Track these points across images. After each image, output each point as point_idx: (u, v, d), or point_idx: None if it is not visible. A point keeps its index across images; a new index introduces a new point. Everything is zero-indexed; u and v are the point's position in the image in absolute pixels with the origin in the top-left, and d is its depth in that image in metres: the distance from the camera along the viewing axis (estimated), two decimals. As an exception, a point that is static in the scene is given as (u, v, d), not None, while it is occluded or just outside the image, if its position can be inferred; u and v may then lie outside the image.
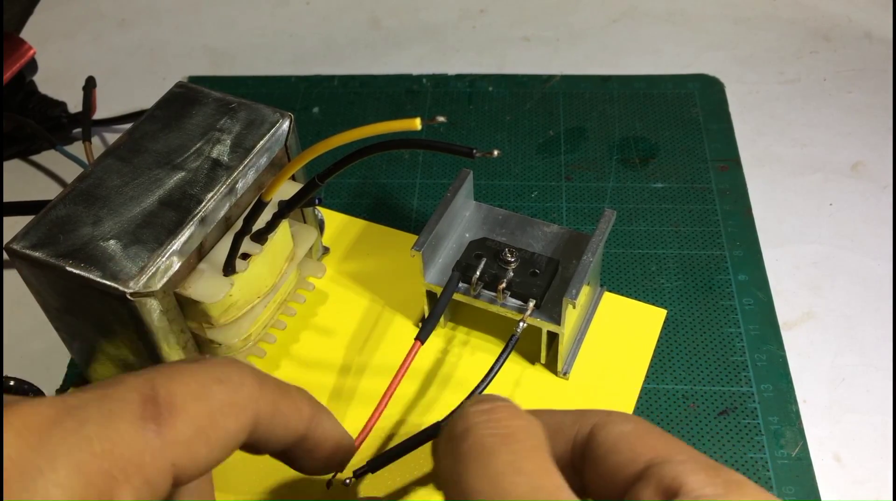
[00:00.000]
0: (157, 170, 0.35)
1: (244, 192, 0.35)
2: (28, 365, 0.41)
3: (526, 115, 0.53)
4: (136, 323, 0.32)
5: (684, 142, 0.50)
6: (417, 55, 0.58)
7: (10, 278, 0.45)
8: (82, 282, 0.31)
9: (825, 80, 0.55)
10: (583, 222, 0.46)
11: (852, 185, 0.48)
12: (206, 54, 0.59)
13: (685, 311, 0.42)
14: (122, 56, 0.60)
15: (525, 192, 0.48)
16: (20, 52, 0.50)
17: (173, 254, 0.32)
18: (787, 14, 0.60)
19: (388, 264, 0.44)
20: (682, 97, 0.53)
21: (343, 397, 0.38)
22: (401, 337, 0.41)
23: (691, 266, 0.44)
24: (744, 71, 0.55)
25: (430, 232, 0.38)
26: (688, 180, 0.48)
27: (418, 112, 0.53)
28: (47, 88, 0.53)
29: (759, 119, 0.52)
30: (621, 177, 0.49)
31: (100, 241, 0.32)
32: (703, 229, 0.45)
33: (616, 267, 0.44)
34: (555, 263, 0.38)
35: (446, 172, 0.49)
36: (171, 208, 0.33)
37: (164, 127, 0.37)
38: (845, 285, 0.43)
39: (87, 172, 0.35)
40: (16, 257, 0.32)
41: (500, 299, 0.37)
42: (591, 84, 0.55)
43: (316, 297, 0.42)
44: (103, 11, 0.64)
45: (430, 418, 0.38)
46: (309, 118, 0.53)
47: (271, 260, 0.36)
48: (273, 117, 0.37)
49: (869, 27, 0.58)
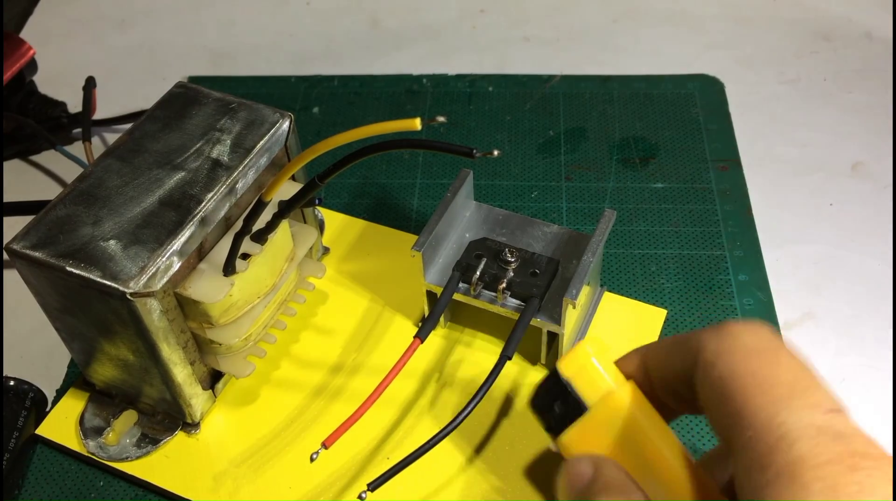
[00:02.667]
0: (158, 170, 0.35)
1: (244, 192, 0.35)
2: (28, 365, 0.41)
3: (526, 115, 0.53)
4: (136, 323, 0.32)
5: (684, 142, 0.50)
6: (417, 55, 0.58)
7: (10, 278, 0.45)
8: (82, 282, 0.31)
9: (825, 80, 0.55)
10: (583, 222, 0.46)
11: (852, 185, 0.48)
12: (206, 54, 0.59)
13: (685, 311, 0.42)
14: (122, 56, 0.60)
15: (525, 192, 0.48)
16: (20, 52, 0.50)
17: (173, 254, 0.32)
18: (787, 14, 0.60)
19: (388, 264, 0.44)
20: (682, 97, 0.53)
21: (343, 396, 0.38)
22: (401, 337, 0.41)
23: (691, 266, 0.44)
24: (744, 71, 0.55)
25: (430, 232, 0.38)
26: (688, 180, 0.48)
27: (418, 112, 0.53)
28: (47, 88, 0.53)
29: (759, 119, 0.52)
30: (621, 177, 0.49)
31: (100, 241, 0.32)
32: (703, 229, 0.45)
33: (616, 267, 0.44)
34: (555, 263, 0.38)
35: (446, 172, 0.49)
36: (172, 208, 0.33)
37: (164, 127, 0.37)
38: (845, 285, 0.43)
39: (87, 173, 0.35)
40: (16, 257, 0.32)
41: (500, 300, 0.37)
42: (591, 84, 0.55)
43: (316, 297, 0.42)
44: (103, 11, 0.64)
45: (429, 418, 0.37)
46: (309, 118, 0.53)
47: (271, 260, 0.36)
48: (273, 117, 0.37)
49: (869, 27, 0.58)
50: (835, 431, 0.21)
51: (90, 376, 0.38)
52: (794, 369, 0.23)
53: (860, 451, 0.21)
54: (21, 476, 0.37)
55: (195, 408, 0.37)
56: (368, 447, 0.37)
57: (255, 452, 0.37)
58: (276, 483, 0.36)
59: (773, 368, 0.23)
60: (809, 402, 0.22)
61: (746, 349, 0.23)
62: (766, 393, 0.22)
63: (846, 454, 0.20)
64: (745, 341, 0.23)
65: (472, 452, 0.36)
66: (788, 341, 0.24)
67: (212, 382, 0.38)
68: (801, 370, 0.23)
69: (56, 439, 0.38)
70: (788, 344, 0.24)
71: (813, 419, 0.21)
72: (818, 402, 0.22)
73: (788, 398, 0.22)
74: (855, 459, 0.20)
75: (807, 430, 0.21)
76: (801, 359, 0.23)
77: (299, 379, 0.39)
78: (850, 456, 0.20)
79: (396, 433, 0.37)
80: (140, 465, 0.37)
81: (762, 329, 0.24)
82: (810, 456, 0.20)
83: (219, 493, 0.36)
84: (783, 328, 0.41)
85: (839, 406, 0.22)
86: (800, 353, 0.23)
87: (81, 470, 0.37)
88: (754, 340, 0.23)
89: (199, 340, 0.36)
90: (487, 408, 0.38)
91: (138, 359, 0.34)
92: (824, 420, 0.21)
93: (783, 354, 0.23)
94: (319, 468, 0.36)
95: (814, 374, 0.23)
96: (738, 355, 0.23)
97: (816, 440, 0.21)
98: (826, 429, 0.21)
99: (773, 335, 0.24)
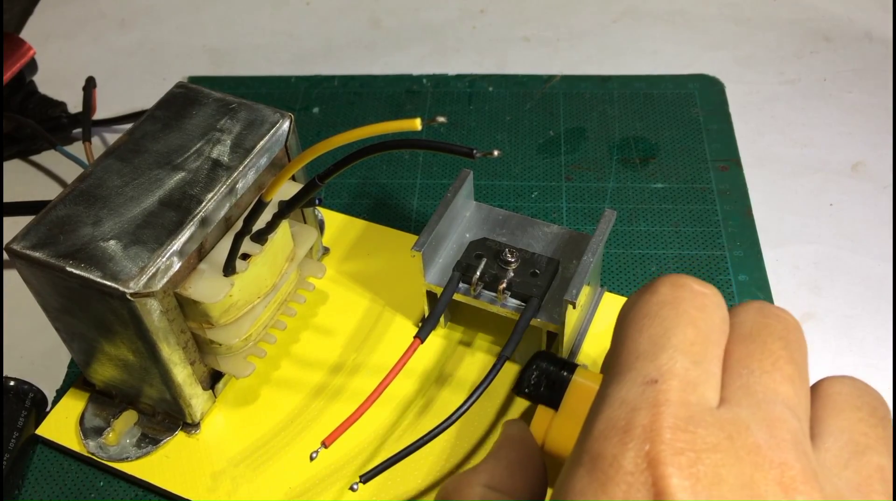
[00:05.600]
0: (158, 170, 0.35)
1: (244, 192, 0.35)
2: (28, 365, 0.41)
3: (526, 115, 0.53)
4: (136, 323, 0.32)
5: (684, 142, 0.50)
6: (417, 55, 0.58)
7: (10, 278, 0.45)
8: (82, 282, 0.31)
9: (825, 80, 0.55)
10: (583, 223, 0.46)
11: (852, 185, 0.48)
12: (206, 54, 0.59)
13: (685, 311, 0.42)
14: (122, 56, 0.60)
15: (525, 192, 0.48)
16: (20, 52, 0.50)
17: (173, 254, 0.32)
18: (787, 14, 0.60)
19: (388, 265, 0.44)
20: (682, 97, 0.53)
21: (343, 396, 0.38)
22: (401, 337, 0.41)
23: (691, 266, 0.44)
24: (744, 71, 0.55)
25: (430, 232, 0.38)
26: (688, 180, 0.48)
27: (418, 112, 0.53)
28: (47, 88, 0.53)
29: (759, 119, 0.52)
30: (621, 177, 0.49)
31: (100, 241, 0.32)
32: (703, 229, 0.45)
33: (616, 267, 0.44)
34: (555, 263, 0.38)
35: (446, 172, 0.49)
36: (172, 209, 0.33)
37: (164, 127, 0.37)
38: (845, 285, 0.43)
39: (87, 173, 0.35)
40: (16, 257, 0.32)
41: (500, 300, 0.37)
42: (591, 84, 0.55)
43: (316, 297, 0.42)
44: (103, 11, 0.64)
45: (429, 418, 0.38)
46: (309, 118, 0.53)
47: (271, 260, 0.36)
48: (273, 118, 0.37)
49: (869, 27, 0.58)
50: (632, 404, 0.20)
51: (90, 376, 0.38)
52: (654, 335, 0.21)
53: (641, 424, 0.19)
54: (21, 477, 0.37)
55: (195, 408, 0.37)
56: (368, 446, 0.37)
57: (255, 451, 0.37)
58: (275, 483, 0.36)
59: (637, 333, 0.22)
60: (634, 375, 0.21)
61: (640, 306, 0.22)
62: (616, 360, 0.22)
63: (626, 428, 0.19)
64: (646, 298, 0.23)
65: (470, 450, 0.36)
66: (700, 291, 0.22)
67: (212, 382, 0.38)
68: (660, 336, 0.21)
69: (56, 439, 0.38)
70: (691, 294, 0.22)
71: (625, 393, 0.20)
72: (641, 374, 0.21)
73: (626, 369, 0.21)
74: (630, 433, 0.19)
75: (614, 401, 0.20)
76: (682, 317, 0.22)
77: (299, 379, 0.39)
78: (626, 431, 0.19)
79: (396, 433, 0.37)
80: (140, 465, 0.37)
81: (675, 283, 0.23)
82: (599, 430, 0.20)
83: (217, 492, 0.36)
84: (783, 328, 0.41)
85: (656, 376, 0.20)
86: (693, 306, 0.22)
87: (81, 470, 0.37)
88: (656, 297, 0.22)
89: (199, 340, 0.36)
90: (487, 408, 0.38)
91: (138, 359, 0.34)
92: (636, 393, 0.20)
93: (663, 314, 0.22)
94: (319, 467, 0.36)
95: (671, 339, 0.21)
96: (628, 316, 0.23)
97: (615, 412, 0.20)
98: (629, 402, 0.20)
99: (677, 289, 0.22)
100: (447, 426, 0.34)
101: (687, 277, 0.23)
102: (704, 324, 0.22)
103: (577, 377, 0.27)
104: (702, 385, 0.20)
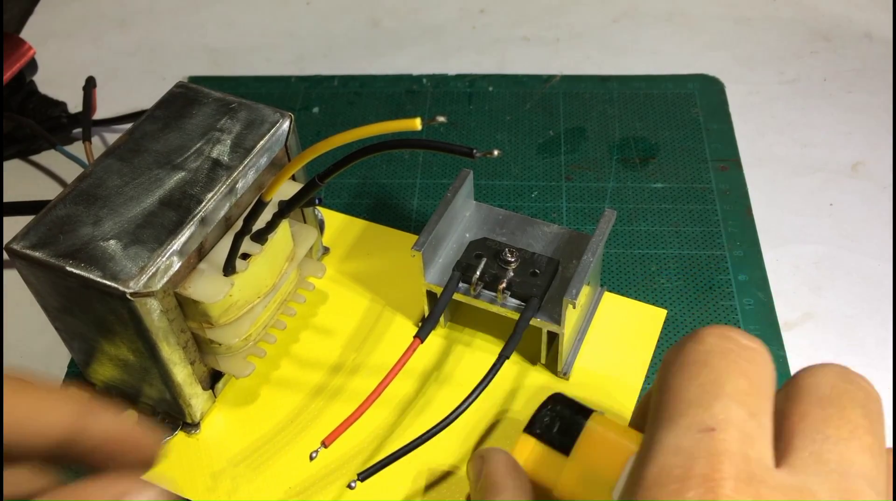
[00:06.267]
0: (158, 170, 0.35)
1: (244, 192, 0.35)
2: (28, 365, 0.41)
3: (526, 115, 0.53)
4: (136, 323, 0.32)
5: (684, 142, 0.50)
6: (417, 55, 0.58)
7: (10, 278, 0.45)
8: (82, 282, 0.31)
9: (825, 80, 0.55)
10: (583, 222, 0.46)
11: (852, 185, 0.48)
12: (206, 54, 0.59)
13: (685, 311, 0.42)
14: (122, 56, 0.60)
15: (525, 192, 0.48)
16: (20, 52, 0.50)
17: (173, 254, 0.32)
18: (787, 14, 0.60)
19: (388, 264, 0.44)
20: (682, 97, 0.53)
21: (343, 396, 0.38)
22: (401, 337, 0.41)
23: (691, 266, 0.44)
24: (744, 71, 0.55)
25: (430, 232, 0.38)
26: (688, 180, 0.48)
27: (418, 112, 0.53)
28: (47, 88, 0.53)
29: (759, 119, 0.52)
30: (621, 177, 0.49)
31: (100, 241, 0.32)
32: (703, 229, 0.45)
33: (616, 267, 0.44)
34: (555, 263, 0.38)
35: (446, 172, 0.49)
36: (172, 208, 0.33)
37: (164, 127, 0.37)
38: (845, 285, 0.43)
39: (87, 172, 0.35)
40: (16, 257, 0.32)
41: (500, 300, 0.37)
42: (591, 84, 0.55)
43: (316, 297, 0.42)
44: (103, 11, 0.64)
45: (429, 418, 0.37)
46: (309, 118, 0.53)
47: (271, 260, 0.36)
48: (273, 117, 0.37)
49: (869, 27, 0.58)
50: (689, 452, 0.19)
51: (90, 376, 0.38)
52: (705, 383, 0.21)
53: (700, 473, 0.19)
54: (21, 476, 0.37)
55: (195, 408, 0.37)
56: (368, 446, 0.37)
57: (255, 451, 0.37)
58: (275, 482, 0.36)
59: (687, 381, 0.21)
60: (688, 422, 0.20)
61: (686, 354, 0.22)
62: (665, 406, 0.21)
63: (684, 477, 0.19)
64: (692, 346, 0.22)
65: (469, 450, 0.36)
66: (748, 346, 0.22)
67: (212, 382, 0.38)
68: (712, 383, 0.21)
69: (56, 439, 0.38)
70: (739, 347, 0.22)
71: (680, 441, 0.20)
72: (696, 422, 0.20)
73: (677, 416, 0.20)
74: (689, 482, 0.19)
75: (667, 449, 0.20)
76: (731, 366, 0.21)
77: (299, 379, 0.39)
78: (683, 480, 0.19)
79: (396, 433, 0.37)
80: (140, 465, 0.37)
81: (722, 334, 0.22)
82: (653, 477, 0.19)
83: (217, 492, 0.36)
84: (783, 328, 0.41)
85: (713, 425, 0.20)
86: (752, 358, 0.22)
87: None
88: (702, 346, 0.22)
89: (199, 340, 0.36)
90: (487, 407, 0.38)
91: (138, 359, 0.34)
92: (692, 440, 0.20)
93: (713, 363, 0.21)
94: (318, 467, 0.36)
95: (724, 387, 0.21)
96: (675, 364, 0.22)
97: (669, 459, 0.19)
98: (685, 450, 0.19)
99: (725, 341, 0.22)
100: (445, 426, 0.34)
101: (733, 328, 0.22)
102: (756, 376, 0.21)
103: (592, 423, 0.27)
104: (759, 441, 0.20)
